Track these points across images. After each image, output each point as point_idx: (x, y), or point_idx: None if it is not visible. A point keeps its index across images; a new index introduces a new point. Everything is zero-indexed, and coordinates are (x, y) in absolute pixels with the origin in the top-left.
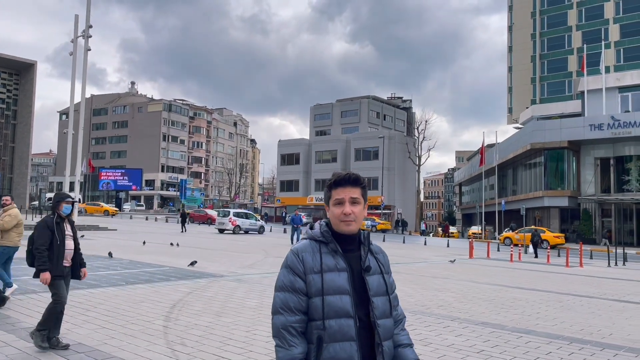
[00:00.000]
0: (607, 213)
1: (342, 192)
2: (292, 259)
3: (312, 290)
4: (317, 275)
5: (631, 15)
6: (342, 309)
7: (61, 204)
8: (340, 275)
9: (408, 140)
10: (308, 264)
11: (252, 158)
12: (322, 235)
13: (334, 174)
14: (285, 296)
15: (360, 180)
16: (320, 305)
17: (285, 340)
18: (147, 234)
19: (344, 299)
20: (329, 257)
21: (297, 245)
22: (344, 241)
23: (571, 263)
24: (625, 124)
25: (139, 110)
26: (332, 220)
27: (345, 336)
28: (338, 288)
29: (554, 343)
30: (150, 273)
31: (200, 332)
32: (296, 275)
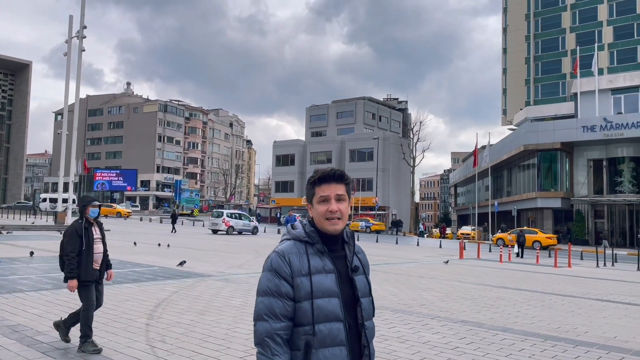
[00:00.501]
0: (599, 214)
1: (327, 189)
2: (278, 262)
3: (300, 294)
4: (305, 278)
5: (624, 18)
6: (332, 312)
7: (88, 207)
8: (328, 277)
9: (403, 142)
10: (295, 267)
11: (248, 159)
12: (308, 235)
13: (316, 170)
14: (270, 301)
15: (345, 176)
16: (309, 309)
17: (269, 348)
18: (140, 234)
19: (332, 301)
20: (316, 258)
21: (282, 247)
22: (328, 241)
23: (560, 264)
24: (617, 126)
25: (134, 110)
26: (317, 218)
27: (335, 341)
28: (327, 290)
29: (528, 340)
30: (138, 273)
31: (182, 329)
32: (282, 279)
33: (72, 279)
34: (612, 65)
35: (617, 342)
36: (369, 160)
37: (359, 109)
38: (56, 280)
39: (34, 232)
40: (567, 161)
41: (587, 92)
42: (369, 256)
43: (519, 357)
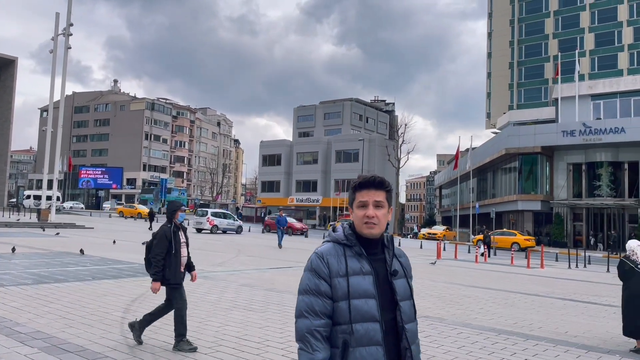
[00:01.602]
0: (578, 217)
1: (366, 195)
2: (317, 262)
3: (338, 294)
4: (342, 279)
5: (605, 25)
6: (368, 312)
7: (177, 212)
8: (366, 279)
9: (388, 143)
10: (333, 268)
11: (235, 158)
12: (346, 238)
13: (359, 176)
14: (311, 299)
15: (385, 183)
16: (346, 309)
17: (309, 344)
18: (124, 232)
19: (369, 302)
20: (353, 260)
21: (321, 249)
22: (367, 244)
23: (533, 265)
24: (596, 131)
25: (121, 108)
26: (356, 222)
27: (372, 340)
28: (364, 292)
29: (483, 334)
30: (118, 269)
31: (155, 322)
32: (321, 279)
33: (156, 281)
34: (593, 71)
35: (567, 336)
36: (354, 162)
37: (346, 110)
38: (37, 276)
39: (17, 229)
40: (548, 165)
41: (567, 98)
42: None
43: (471, 349)
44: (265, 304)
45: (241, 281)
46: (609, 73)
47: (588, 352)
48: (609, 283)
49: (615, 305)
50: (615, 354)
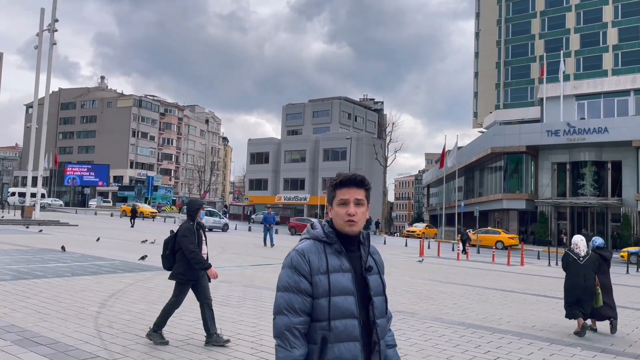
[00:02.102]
0: (562, 216)
1: (347, 193)
2: (298, 260)
3: (318, 291)
4: (323, 276)
5: (591, 26)
6: (347, 309)
7: (200, 211)
8: (345, 276)
9: (375, 142)
10: (314, 265)
11: (223, 156)
12: (327, 235)
13: (338, 174)
14: (290, 297)
15: (365, 182)
16: (326, 306)
17: (287, 341)
18: (109, 230)
19: (349, 299)
20: (333, 257)
21: (302, 246)
22: (345, 241)
23: (514, 262)
24: (580, 131)
25: (108, 105)
26: (335, 220)
27: (350, 336)
28: (343, 289)
29: (452, 328)
30: (98, 266)
31: (130, 317)
32: (301, 276)
33: (207, 268)
34: (578, 71)
35: (533, 330)
36: (342, 160)
37: (334, 108)
38: (16, 272)
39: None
40: (532, 164)
41: (552, 98)
42: None
43: (438, 341)
44: (241, 300)
45: (221, 278)
46: (594, 73)
47: (551, 345)
48: None
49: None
50: (577, 347)
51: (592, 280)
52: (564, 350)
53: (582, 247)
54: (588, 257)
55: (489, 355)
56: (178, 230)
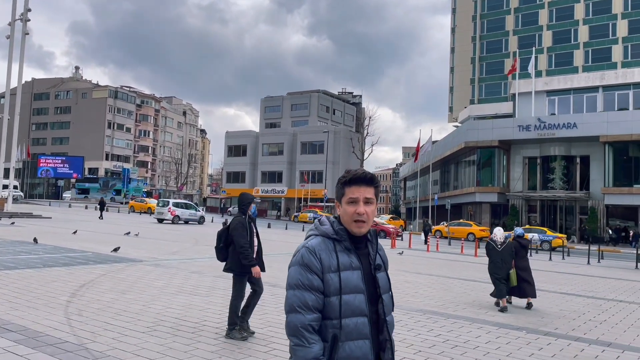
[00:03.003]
0: (533, 209)
1: (357, 191)
2: (309, 257)
3: (329, 289)
4: (334, 274)
5: (562, 23)
6: (358, 307)
7: (251, 205)
8: (355, 274)
9: (353, 136)
10: (325, 263)
11: (201, 148)
12: (336, 233)
13: (348, 171)
14: (303, 294)
15: (375, 180)
16: (337, 304)
17: (305, 338)
18: (81, 222)
19: (359, 297)
20: (344, 255)
21: (312, 243)
22: (354, 239)
23: (481, 253)
24: (550, 126)
25: (83, 96)
26: (344, 218)
27: (361, 334)
28: (354, 287)
29: (409, 314)
30: (71, 257)
31: (100, 305)
32: (313, 274)
33: (253, 266)
34: (550, 68)
35: (486, 316)
36: (319, 153)
37: (313, 101)
38: None
39: None
40: (505, 158)
41: (524, 93)
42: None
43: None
44: (211, 289)
45: (192, 269)
46: (565, 70)
47: (499, 329)
48: (543, 270)
49: (542, 290)
50: (522, 330)
51: (509, 264)
52: (511, 333)
53: (500, 236)
54: (505, 245)
55: (439, 338)
56: (230, 223)
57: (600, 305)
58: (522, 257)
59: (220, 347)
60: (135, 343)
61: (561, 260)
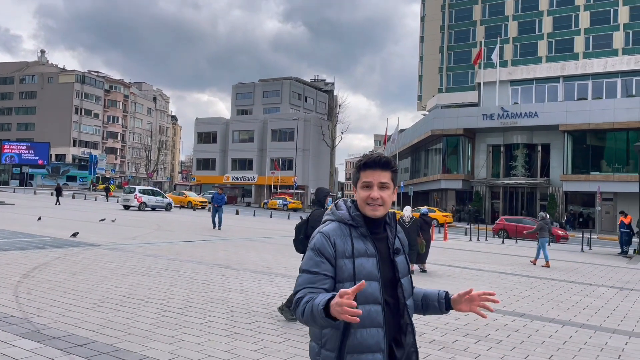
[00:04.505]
0: (496, 196)
1: (371, 175)
2: (322, 242)
3: (343, 275)
4: (348, 261)
5: (528, 14)
6: (371, 295)
7: (328, 197)
8: (370, 261)
9: (323, 123)
10: (339, 248)
11: (172, 135)
12: (353, 219)
13: (364, 155)
14: (310, 277)
15: (391, 163)
16: None
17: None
18: (45, 209)
19: (373, 285)
20: (359, 241)
21: (327, 228)
22: (371, 224)
23: (438, 237)
24: (512, 115)
25: (49, 80)
26: (359, 202)
27: (374, 322)
28: (368, 274)
29: None
30: (28, 242)
31: (50, 285)
32: (324, 258)
33: None
34: (515, 57)
35: None
36: (289, 140)
37: (285, 88)
38: None
39: None
40: (470, 146)
41: (489, 83)
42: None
43: None
44: (162, 270)
45: (148, 252)
46: (530, 60)
47: None
48: (491, 252)
49: (484, 270)
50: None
51: (415, 238)
52: None
53: (407, 215)
54: (412, 222)
55: None
56: (310, 216)
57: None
58: (425, 230)
59: (159, 320)
60: (78, 317)
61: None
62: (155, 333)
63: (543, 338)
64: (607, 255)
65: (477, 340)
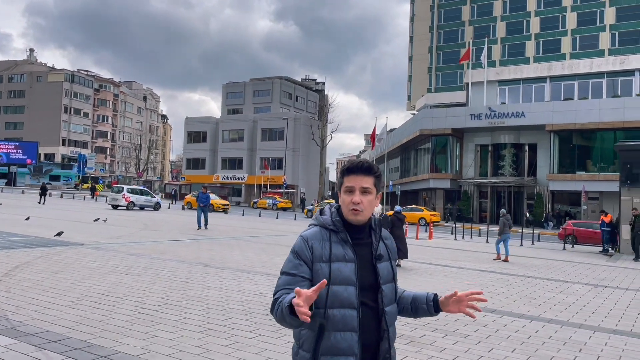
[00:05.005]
0: (484, 195)
1: (354, 180)
2: (301, 246)
3: (319, 278)
4: (325, 265)
5: (516, 15)
6: (347, 299)
7: None
8: (347, 266)
9: (313, 123)
10: (317, 252)
11: (162, 134)
12: (333, 224)
13: (348, 161)
14: (288, 279)
15: (374, 169)
16: (324, 294)
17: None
18: (37, 209)
19: (349, 289)
20: (338, 246)
21: (307, 232)
22: (354, 229)
23: (423, 237)
24: (500, 115)
25: (38, 79)
26: (342, 207)
27: (347, 326)
28: (344, 279)
29: None
30: (11, 242)
31: (30, 284)
32: (302, 261)
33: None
34: (503, 58)
35: None
36: (279, 140)
37: (275, 88)
38: None
39: None
40: (458, 146)
41: (477, 83)
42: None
43: None
44: (143, 269)
45: (132, 251)
46: (518, 60)
47: None
48: (474, 250)
49: (464, 268)
50: None
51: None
52: None
53: (377, 212)
54: (383, 218)
55: None
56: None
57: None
58: (398, 227)
59: (135, 317)
60: (54, 315)
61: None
62: (129, 329)
63: (509, 333)
64: (588, 254)
65: (445, 334)
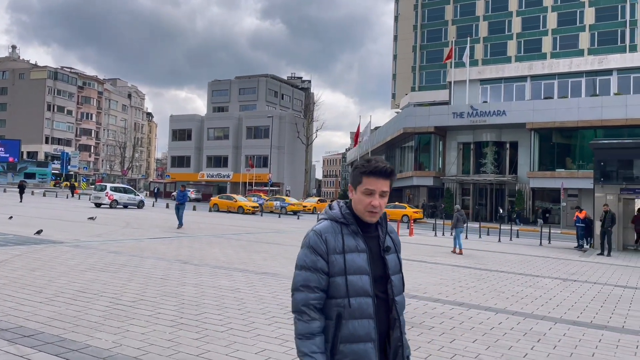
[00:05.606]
0: (466, 192)
1: (375, 184)
2: (315, 240)
3: (334, 269)
4: (339, 256)
5: (498, 14)
6: (362, 288)
7: None
8: (360, 256)
9: (298, 121)
10: (331, 245)
11: (148, 132)
12: (344, 217)
13: (369, 160)
14: (307, 275)
15: (394, 173)
16: (343, 284)
17: (306, 314)
18: (18, 207)
19: (363, 278)
20: (349, 238)
21: (319, 226)
22: (363, 224)
23: (403, 233)
24: (482, 113)
25: (20, 76)
26: (357, 206)
27: (364, 314)
28: (358, 268)
29: None
30: None
31: (6, 281)
32: (318, 255)
33: None
34: (486, 57)
35: None
36: (265, 138)
37: (261, 86)
38: None
39: None
40: (441, 144)
41: (459, 82)
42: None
43: (281, 294)
44: (121, 267)
45: (112, 249)
46: (500, 59)
47: None
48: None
49: (439, 263)
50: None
51: None
52: None
53: None
54: None
55: None
56: None
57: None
58: None
59: (109, 313)
60: (29, 311)
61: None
62: (102, 324)
63: (473, 324)
64: (563, 249)
65: (411, 327)
